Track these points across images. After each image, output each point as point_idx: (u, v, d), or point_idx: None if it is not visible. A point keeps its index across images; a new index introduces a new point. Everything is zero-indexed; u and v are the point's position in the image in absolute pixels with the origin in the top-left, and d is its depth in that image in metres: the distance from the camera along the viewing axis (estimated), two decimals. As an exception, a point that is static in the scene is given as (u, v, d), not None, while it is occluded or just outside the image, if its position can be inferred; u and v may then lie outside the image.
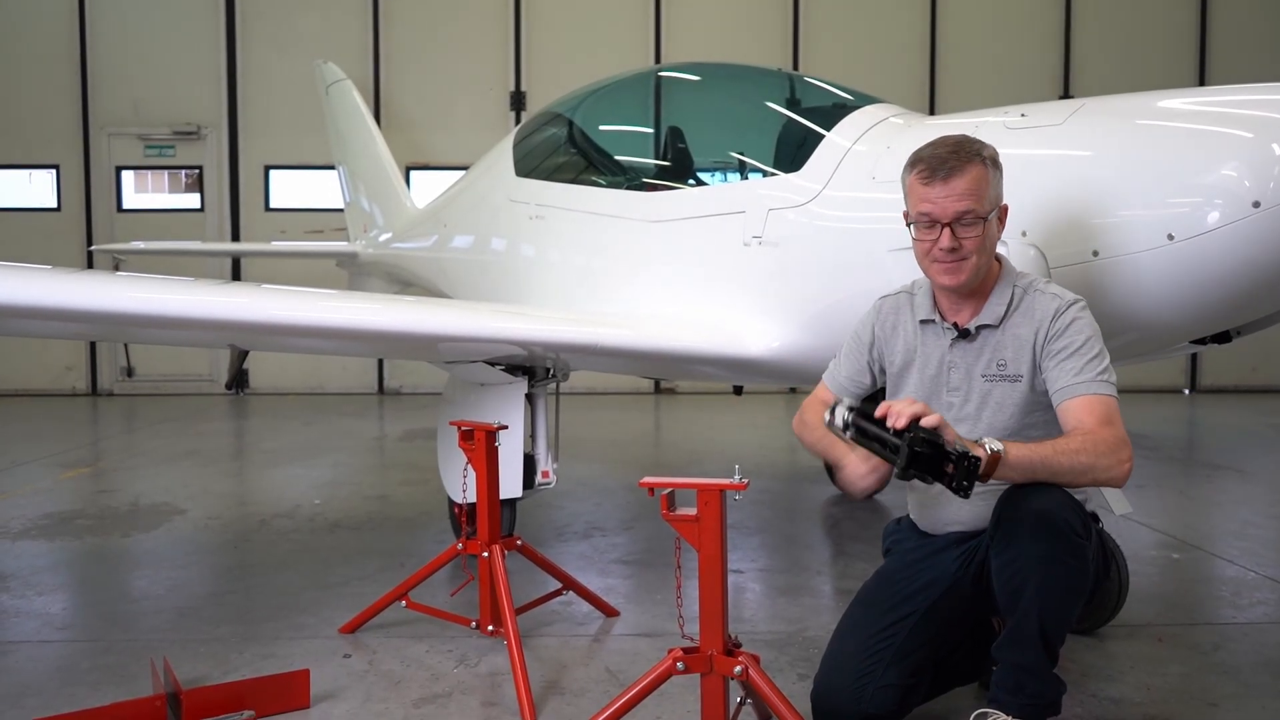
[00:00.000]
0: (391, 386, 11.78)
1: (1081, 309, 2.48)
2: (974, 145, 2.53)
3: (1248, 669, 3.09)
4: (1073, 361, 2.40)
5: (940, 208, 2.48)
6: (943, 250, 2.49)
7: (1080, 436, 2.29)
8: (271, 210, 11.71)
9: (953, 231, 2.47)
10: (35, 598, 3.90)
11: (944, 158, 2.50)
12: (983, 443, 2.20)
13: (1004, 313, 2.54)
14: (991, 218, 2.50)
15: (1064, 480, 2.28)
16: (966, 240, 2.47)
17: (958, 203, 2.46)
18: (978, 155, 2.50)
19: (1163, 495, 5.81)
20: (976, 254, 2.49)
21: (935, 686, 2.61)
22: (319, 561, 4.39)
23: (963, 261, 2.49)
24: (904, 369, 2.69)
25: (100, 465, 7.11)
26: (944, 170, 2.48)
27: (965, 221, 2.46)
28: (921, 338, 2.66)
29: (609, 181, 4.86)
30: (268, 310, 3.40)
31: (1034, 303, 2.52)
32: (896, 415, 2.13)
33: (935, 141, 2.56)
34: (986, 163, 2.51)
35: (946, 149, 2.52)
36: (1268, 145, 2.66)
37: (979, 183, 2.48)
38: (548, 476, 4.16)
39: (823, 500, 5.71)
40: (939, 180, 2.48)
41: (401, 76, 11.56)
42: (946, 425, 2.15)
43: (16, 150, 11.58)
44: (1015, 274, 2.61)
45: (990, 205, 2.50)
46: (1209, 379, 11.87)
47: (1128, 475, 2.31)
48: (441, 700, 2.89)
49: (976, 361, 2.57)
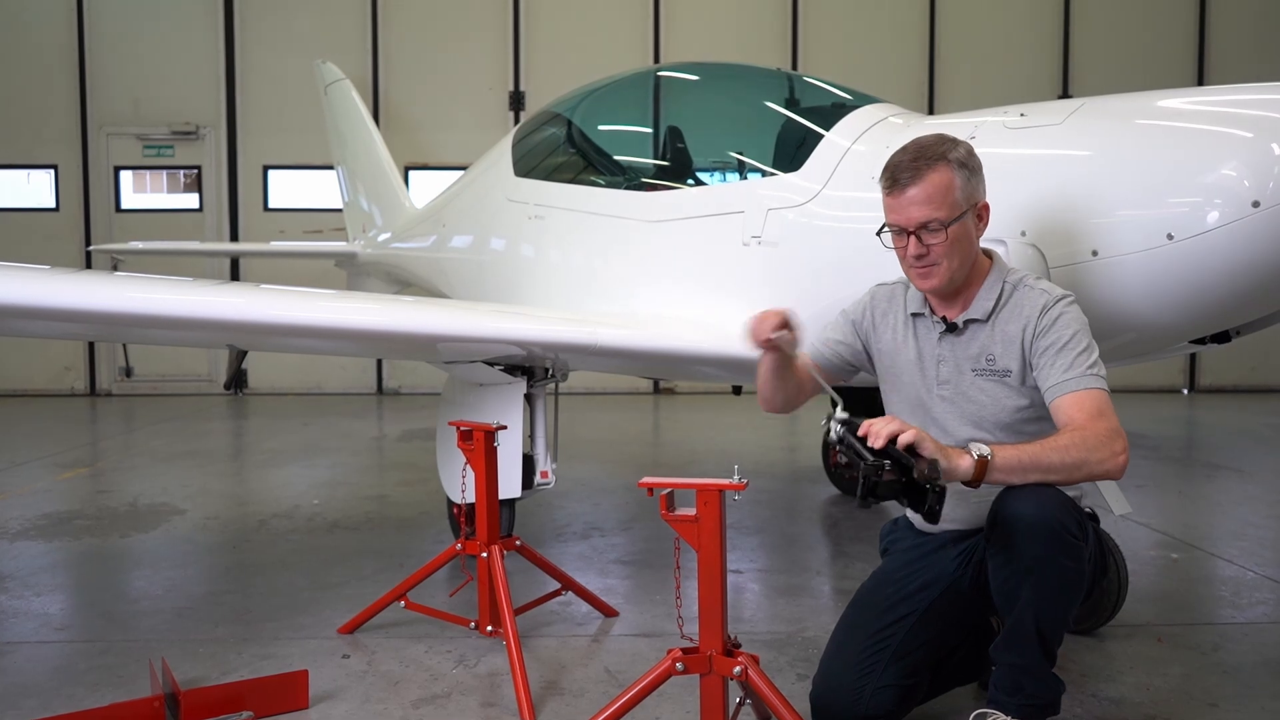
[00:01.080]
0: (390, 387, 11.78)
1: (1069, 304, 2.47)
2: (939, 149, 2.49)
3: (1248, 669, 3.09)
4: (1061, 358, 2.39)
5: (904, 216, 2.48)
6: (913, 257, 2.49)
7: (1070, 433, 2.28)
8: (270, 210, 11.71)
9: (918, 239, 2.46)
10: (33, 598, 3.90)
11: (905, 165, 2.48)
12: (969, 448, 2.19)
13: (992, 308, 2.53)
14: (966, 219, 2.47)
15: (1058, 478, 2.26)
16: (933, 246, 2.46)
17: (919, 210, 2.45)
18: (941, 159, 2.47)
19: (1162, 495, 5.81)
20: (946, 259, 2.47)
21: (934, 687, 2.61)
22: (318, 562, 4.39)
23: (933, 267, 2.48)
24: (893, 361, 2.70)
25: (99, 465, 7.10)
26: (904, 178, 2.47)
27: (929, 229, 2.45)
28: (913, 330, 2.67)
29: (608, 181, 4.86)
30: (266, 310, 3.39)
31: (1023, 298, 2.51)
32: (875, 435, 2.11)
33: (904, 147, 2.55)
34: (953, 165, 2.47)
35: (909, 156, 2.50)
36: (1267, 145, 2.65)
37: (940, 188, 2.45)
38: (546, 477, 4.15)
39: (822, 500, 5.71)
40: (899, 189, 2.48)
41: (400, 76, 11.56)
42: (925, 439, 2.12)
43: (15, 150, 11.58)
44: (1006, 269, 2.60)
45: (960, 207, 2.46)
46: (1208, 379, 11.88)
47: (1123, 467, 2.28)
48: (440, 701, 2.88)
49: (965, 356, 2.56)
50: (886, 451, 2.11)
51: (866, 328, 2.77)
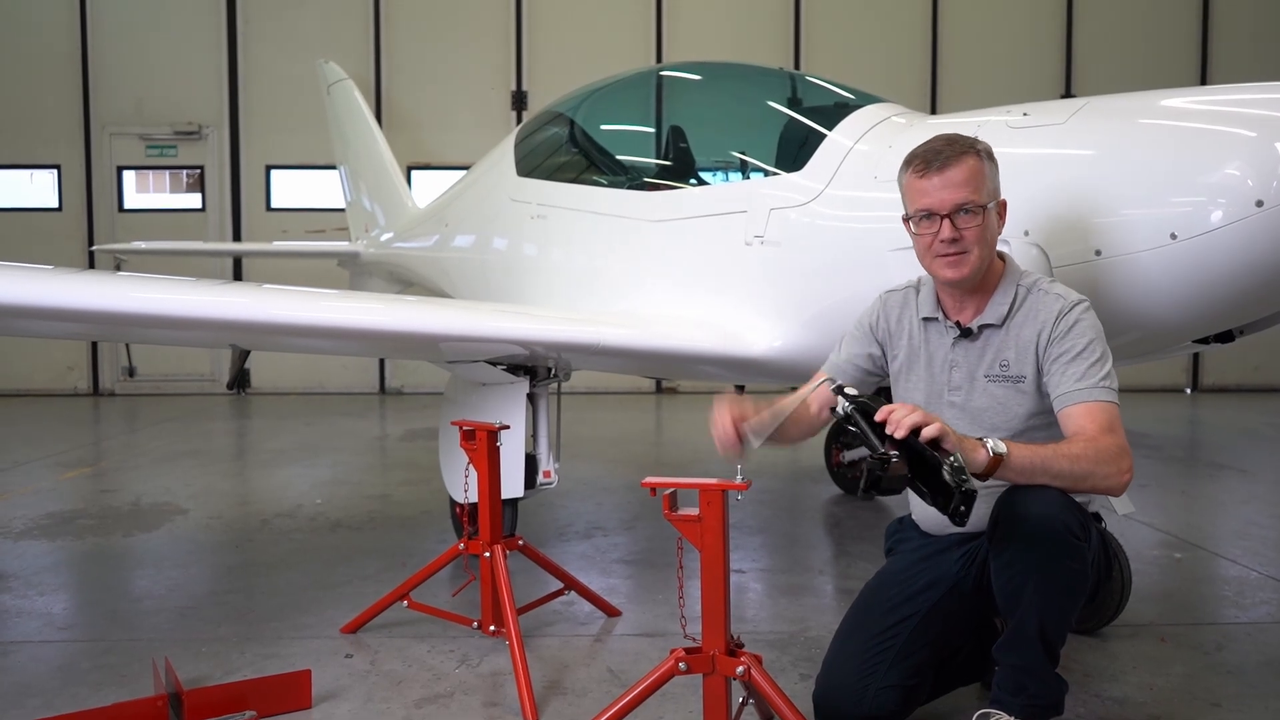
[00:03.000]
0: (393, 386, 11.78)
1: (1085, 310, 2.47)
2: (967, 139, 2.54)
3: (1251, 669, 3.09)
4: (1075, 367, 2.38)
5: (938, 199, 2.47)
6: (944, 243, 2.47)
7: (1083, 442, 2.27)
8: (273, 210, 11.72)
9: (952, 223, 2.46)
10: (37, 598, 3.90)
11: (939, 149, 2.50)
12: (985, 443, 2.19)
13: (1007, 312, 2.52)
14: (991, 209, 2.49)
15: (1063, 484, 2.26)
16: (967, 231, 2.46)
17: (955, 193, 2.45)
18: (971, 148, 2.51)
19: (1165, 495, 5.80)
20: (977, 245, 2.47)
21: (938, 687, 2.61)
22: (320, 561, 4.39)
23: (964, 254, 2.47)
24: (907, 366, 2.69)
25: (102, 465, 7.11)
26: (939, 161, 2.48)
27: (965, 210, 2.45)
28: (925, 335, 2.65)
29: (610, 181, 4.86)
30: (269, 310, 3.39)
31: (1038, 303, 2.50)
32: (896, 424, 2.06)
33: (929, 139, 2.57)
34: (981, 155, 2.51)
35: (941, 142, 2.53)
36: (1271, 144, 2.65)
37: (975, 173, 2.47)
38: (549, 476, 4.16)
39: (824, 500, 5.70)
40: (934, 172, 2.48)
41: (403, 76, 11.56)
42: (949, 433, 2.10)
43: (18, 150, 11.60)
44: (1019, 272, 2.60)
45: (989, 196, 2.49)
46: (1211, 378, 11.87)
47: (1125, 486, 2.30)
48: (443, 700, 2.88)
49: (979, 361, 2.55)
50: (907, 443, 2.04)
51: (884, 331, 2.74)
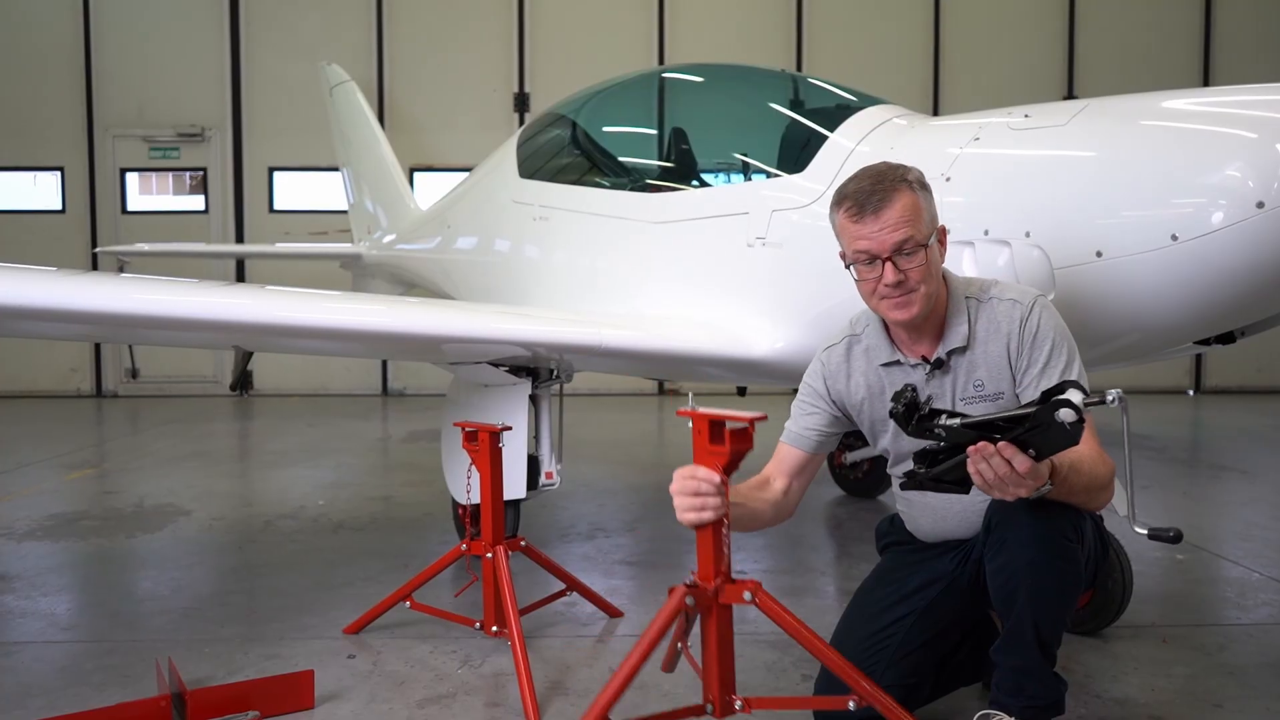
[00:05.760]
0: (395, 388, 11.80)
1: (1043, 308, 2.43)
2: (897, 172, 2.44)
3: (1253, 670, 3.08)
4: (1045, 379, 2.34)
5: (876, 242, 2.38)
6: (888, 286, 2.39)
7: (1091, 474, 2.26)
8: (275, 212, 11.74)
9: (895, 265, 2.38)
10: (40, 598, 3.91)
11: (870, 190, 2.40)
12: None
13: (968, 331, 2.46)
14: (932, 242, 2.41)
15: (1074, 488, 2.24)
16: (911, 271, 2.37)
17: (894, 233, 2.37)
18: (903, 181, 2.41)
19: (1167, 496, 5.80)
20: (924, 283, 2.39)
21: (939, 687, 2.61)
22: (323, 562, 4.40)
23: (911, 294, 2.39)
24: (882, 420, 2.56)
25: (105, 466, 7.12)
26: (872, 204, 2.38)
27: (905, 251, 2.37)
28: (887, 381, 2.54)
29: (613, 183, 4.87)
30: (272, 312, 3.40)
31: (994, 313, 2.45)
32: (992, 481, 2.03)
33: (856, 175, 2.48)
34: (914, 187, 2.41)
35: (869, 181, 2.42)
36: (1272, 146, 2.65)
37: (911, 209, 2.38)
38: (551, 477, 4.16)
39: (826, 501, 5.70)
40: (869, 214, 2.39)
41: (405, 78, 11.58)
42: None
43: (21, 152, 11.63)
44: (962, 285, 2.53)
45: (928, 228, 2.41)
46: (1213, 380, 11.86)
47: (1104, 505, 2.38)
48: (445, 701, 2.89)
49: (955, 387, 2.49)
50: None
51: (836, 393, 2.63)
